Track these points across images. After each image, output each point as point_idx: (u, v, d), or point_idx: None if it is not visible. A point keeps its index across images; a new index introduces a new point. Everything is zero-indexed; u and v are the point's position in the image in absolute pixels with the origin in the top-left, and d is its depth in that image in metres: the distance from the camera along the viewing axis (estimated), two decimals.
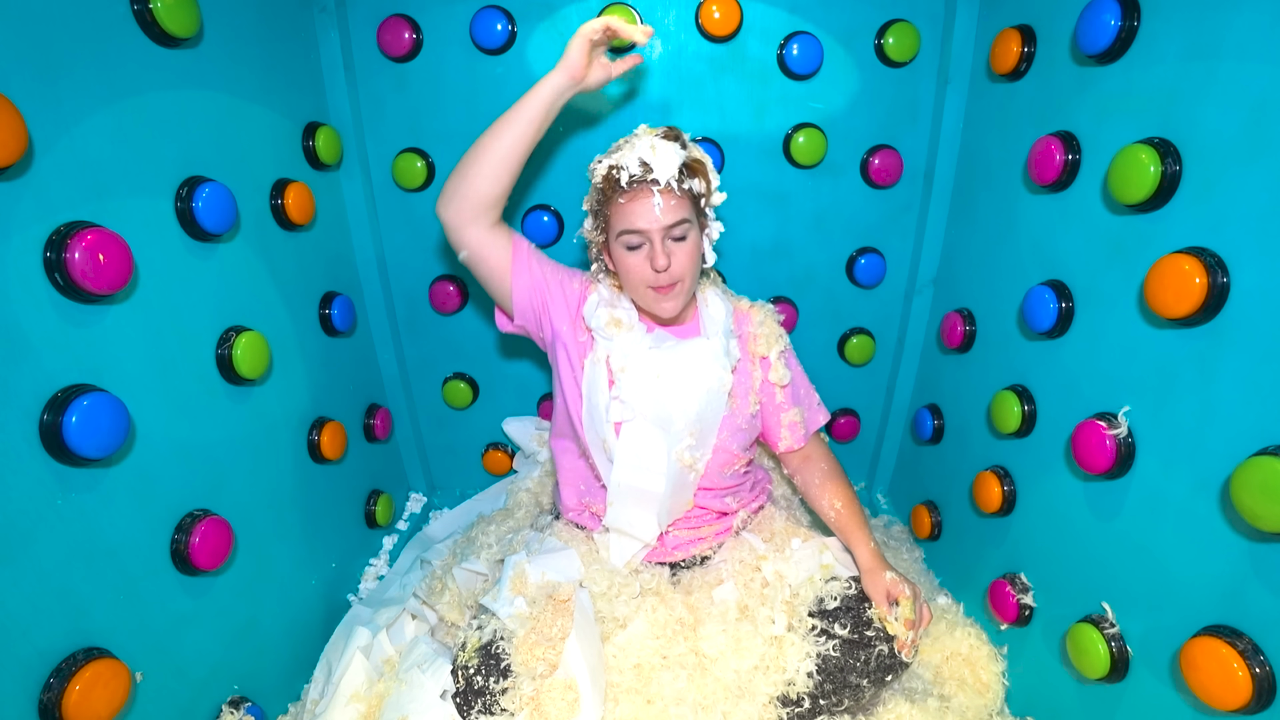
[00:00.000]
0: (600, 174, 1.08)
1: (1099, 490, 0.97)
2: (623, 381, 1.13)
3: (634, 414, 1.14)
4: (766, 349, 1.21)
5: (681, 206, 1.06)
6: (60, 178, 0.77)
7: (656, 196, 1.03)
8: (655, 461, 1.14)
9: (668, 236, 1.06)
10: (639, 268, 1.08)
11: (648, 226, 1.05)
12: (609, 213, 1.09)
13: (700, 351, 1.15)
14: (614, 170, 1.05)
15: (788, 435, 1.25)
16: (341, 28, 1.35)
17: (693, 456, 1.15)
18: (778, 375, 1.21)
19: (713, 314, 1.20)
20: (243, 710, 1.02)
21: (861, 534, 1.16)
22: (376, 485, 1.56)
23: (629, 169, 1.04)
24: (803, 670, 1.04)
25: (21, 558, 0.72)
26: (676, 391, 1.13)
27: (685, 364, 1.14)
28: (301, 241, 1.27)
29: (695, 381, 1.14)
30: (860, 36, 1.39)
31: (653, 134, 1.07)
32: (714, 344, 1.16)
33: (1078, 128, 1.03)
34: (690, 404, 1.13)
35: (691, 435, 1.14)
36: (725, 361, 1.16)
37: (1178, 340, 0.84)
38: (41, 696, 0.73)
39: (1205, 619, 0.79)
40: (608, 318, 1.15)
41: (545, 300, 1.17)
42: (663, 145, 1.04)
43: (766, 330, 1.22)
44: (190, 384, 0.97)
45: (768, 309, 1.25)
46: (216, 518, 0.96)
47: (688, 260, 1.08)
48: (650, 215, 1.04)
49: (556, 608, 1.05)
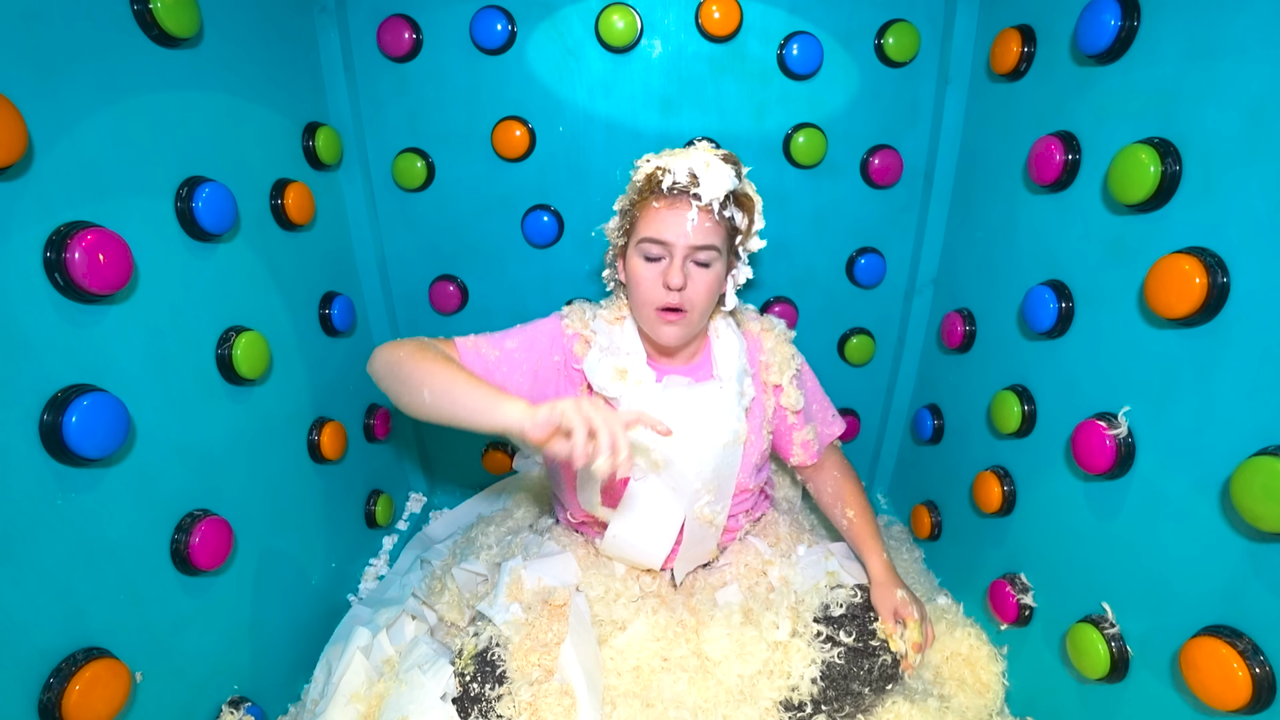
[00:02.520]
0: (644, 171, 1.01)
1: (1099, 490, 0.97)
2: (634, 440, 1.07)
3: (644, 474, 1.09)
4: (779, 376, 1.16)
5: (715, 232, 0.99)
6: (60, 178, 0.77)
7: (693, 210, 0.97)
8: (665, 524, 1.09)
9: (691, 258, 1.00)
10: (651, 282, 1.02)
11: (674, 240, 0.98)
12: (638, 213, 1.02)
13: (714, 401, 1.09)
14: (660, 171, 0.99)
15: (800, 452, 1.23)
16: (341, 28, 1.35)
17: (712, 511, 1.12)
18: (790, 400, 1.17)
19: (725, 350, 1.13)
20: (243, 710, 1.02)
21: (874, 544, 1.15)
22: (376, 485, 1.56)
23: (675, 174, 0.97)
24: (807, 676, 1.04)
25: (21, 558, 0.72)
26: (691, 450, 1.07)
27: (699, 417, 1.08)
28: (301, 241, 1.27)
29: (710, 436, 1.08)
30: (860, 36, 1.39)
31: (712, 152, 1.01)
32: (728, 390, 1.10)
33: (1078, 128, 1.03)
34: (706, 461, 1.08)
35: (709, 491, 1.10)
36: (739, 409, 1.10)
37: (1178, 340, 0.84)
38: (41, 696, 0.73)
39: (1205, 619, 0.79)
40: (612, 371, 1.08)
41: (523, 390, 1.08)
42: (718, 165, 0.98)
43: (780, 357, 1.17)
44: (190, 384, 0.97)
45: (778, 331, 1.20)
46: (216, 518, 0.96)
47: (705, 291, 1.02)
48: (680, 228, 0.98)
49: (552, 613, 1.04)
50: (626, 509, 1.10)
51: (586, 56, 1.38)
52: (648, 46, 1.38)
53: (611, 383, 1.08)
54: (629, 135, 1.43)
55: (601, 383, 1.08)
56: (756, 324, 1.20)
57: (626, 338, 1.12)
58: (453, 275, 1.55)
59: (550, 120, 1.42)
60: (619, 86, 1.40)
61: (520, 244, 1.52)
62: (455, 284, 1.55)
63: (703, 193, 0.97)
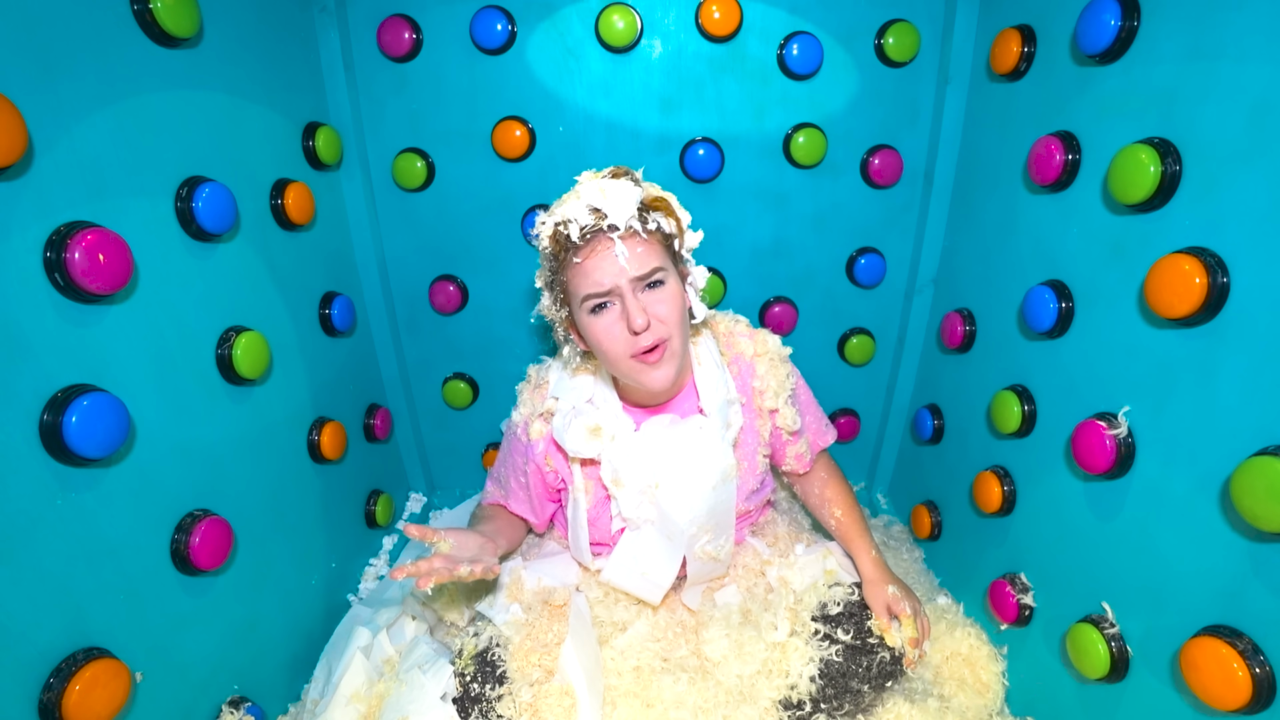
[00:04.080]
0: (546, 235, 0.93)
1: (1099, 490, 0.97)
2: (621, 497, 1.04)
3: (637, 526, 1.07)
4: (775, 401, 1.11)
5: (651, 252, 0.91)
6: (60, 178, 0.77)
7: (618, 245, 0.88)
8: (658, 572, 1.08)
9: (639, 289, 0.91)
10: (613, 334, 0.92)
11: (614, 283, 0.89)
12: (566, 278, 0.94)
13: (697, 440, 1.03)
14: (561, 226, 0.91)
15: (794, 462, 1.22)
16: (341, 28, 1.35)
17: (715, 547, 1.10)
18: (786, 422, 1.13)
19: (707, 377, 1.07)
20: (243, 710, 1.02)
21: (863, 542, 1.16)
22: (376, 485, 1.56)
23: (578, 220, 0.89)
24: (805, 675, 1.04)
25: (21, 558, 0.72)
26: (680, 496, 1.03)
27: (684, 459, 1.03)
28: (301, 241, 1.27)
29: (698, 478, 1.03)
30: (860, 36, 1.39)
31: (598, 176, 0.93)
32: (713, 424, 1.05)
33: (1078, 128, 1.03)
34: (698, 505, 1.04)
35: (707, 532, 1.07)
36: (726, 444, 1.05)
37: (1178, 340, 0.84)
38: (41, 696, 0.73)
39: (1205, 619, 0.79)
40: (584, 432, 1.02)
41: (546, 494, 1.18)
42: (613, 185, 0.90)
43: (774, 383, 1.11)
44: (190, 384, 0.97)
45: (772, 352, 1.13)
46: (216, 518, 0.96)
47: (670, 312, 0.93)
48: (614, 268, 0.89)
49: (552, 613, 1.04)
50: (619, 558, 1.09)
51: (586, 56, 1.38)
52: (648, 46, 1.38)
53: (586, 444, 1.03)
54: (629, 135, 1.43)
55: (576, 447, 1.03)
56: (749, 345, 1.13)
57: (596, 390, 1.07)
58: (453, 275, 1.55)
59: (550, 120, 1.42)
60: (619, 86, 1.40)
61: (520, 244, 1.52)
62: (455, 284, 1.55)
63: (615, 220, 0.88)
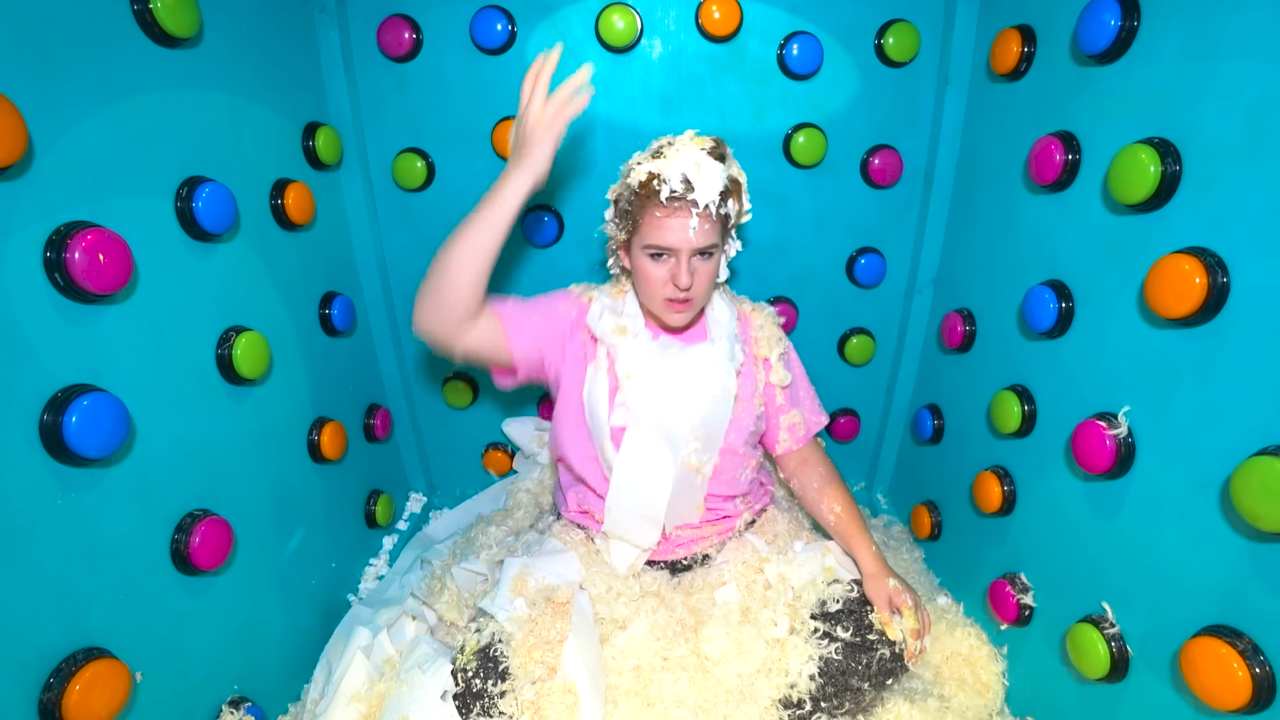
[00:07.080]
0: (639, 178, 1.04)
1: (1099, 490, 0.97)
2: (628, 387, 1.13)
3: (638, 420, 1.13)
4: (768, 350, 1.22)
5: (714, 230, 1.05)
6: (60, 178, 0.77)
7: (694, 219, 1.02)
8: (658, 471, 1.14)
9: (695, 255, 1.06)
10: (660, 280, 1.07)
11: (678, 244, 1.03)
12: (640, 219, 1.06)
13: (706, 357, 1.15)
14: (654, 180, 1.02)
15: (786, 437, 1.25)
16: (341, 28, 1.35)
17: (699, 460, 1.15)
18: (778, 376, 1.22)
19: (718, 318, 1.20)
20: (243, 710, 1.02)
21: (862, 538, 1.16)
22: (376, 485, 1.56)
23: (671, 184, 1.01)
24: (805, 673, 1.04)
25: (21, 558, 0.72)
26: (682, 397, 1.12)
27: (691, 370, 1.14)
28: (301, 241, 1.27)
29: (701, 387, 1.13)
30: (860, 36, 1.39)
31: (699, 145, 1.03)
32: (719, 349, 1.16)
33: (1078, 128, 1.03)
34: (696, 409, 1.13)
35: (697, 440, 1.14)
36: (730, 366, 1.16)
37: (1178, 340, 0.84)
38: (41, 696, 0.73)
39: (1205, 619, 0.79)
40: (613, 325, 1.15)
41: (542, 348, 1.17)
42: (708, 164, 1.01)
43: (767, 333, 1.23)
44: (190, 384, 0.97)
45: (768, 312, 1.26)
46: (216, 518, 0.96)
47: (708, 279, 1.09)
48: (683, 235, 1.03)
49: (555, 610, 1.04)
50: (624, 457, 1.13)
51: (586, 56, 1.37)
52: (648, 46, 1.38)
53: (612, 335, 1.14)
54: (629, 135, 1.43)
55: (603, 333, 1.15)
56: (748, 305, 1.26)
57: (627, 306, 1.19)
58: None
59: None
60: (619, 86, 1.40)
61: (520, 244, 1.52)
62: None
63: (699, 198, 1.01)
